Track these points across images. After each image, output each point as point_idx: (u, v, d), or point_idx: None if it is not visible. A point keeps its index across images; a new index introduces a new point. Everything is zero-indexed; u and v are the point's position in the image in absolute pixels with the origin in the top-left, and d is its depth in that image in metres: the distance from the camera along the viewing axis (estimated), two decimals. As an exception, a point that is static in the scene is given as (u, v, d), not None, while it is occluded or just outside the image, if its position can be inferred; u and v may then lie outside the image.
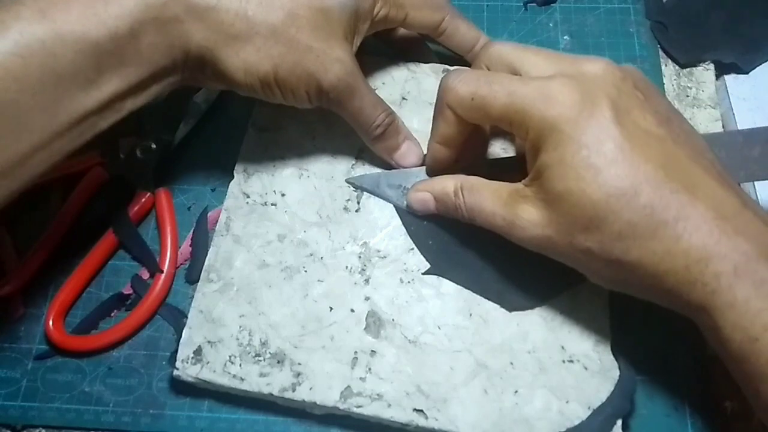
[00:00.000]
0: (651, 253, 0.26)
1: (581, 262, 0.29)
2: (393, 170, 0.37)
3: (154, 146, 0.41)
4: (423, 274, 0.35)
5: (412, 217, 0.36)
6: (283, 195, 0.38)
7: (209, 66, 0.32)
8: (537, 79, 0.29)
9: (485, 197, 0.31)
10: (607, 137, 0.27)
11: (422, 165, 0.37)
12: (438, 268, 0.35)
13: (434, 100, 0.39)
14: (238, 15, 0.31)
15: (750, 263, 0.25)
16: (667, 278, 0.26)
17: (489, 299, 0.34)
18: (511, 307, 0.34)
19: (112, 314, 0.37)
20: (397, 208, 0.37)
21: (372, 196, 0.37)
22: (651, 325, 0.34)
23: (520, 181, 0.30)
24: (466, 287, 0.34)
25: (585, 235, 0.27)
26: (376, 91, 0.40)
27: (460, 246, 0.35)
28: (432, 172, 0.36)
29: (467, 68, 0.33)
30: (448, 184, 0.33)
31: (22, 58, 0.27)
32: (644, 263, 0.27)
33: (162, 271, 0.37)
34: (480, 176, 0.33)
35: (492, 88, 0.29)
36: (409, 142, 0.37)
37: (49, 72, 0.27)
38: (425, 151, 0.37)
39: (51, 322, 0.36)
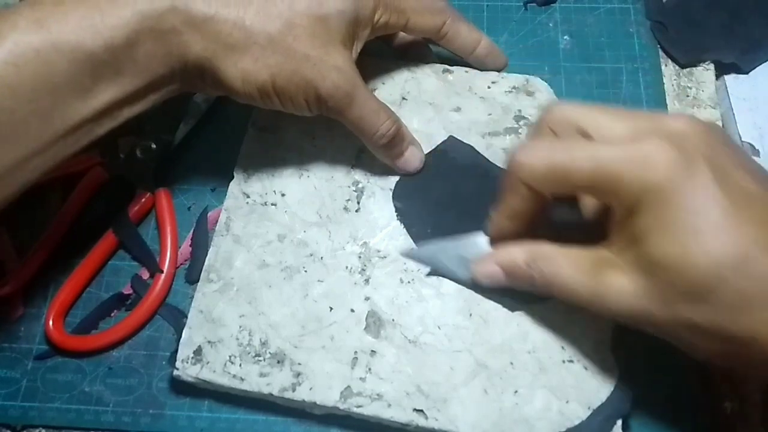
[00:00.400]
0: (750, 320, 0.24)
1: (684, 338, 0.27)
2: (449, 241, 0.34)
3: (154, 146, 0.41)
4: (426, 276, 0.35)
5: (414, 219, 0.36)
6: (283, 195, 0.38)
7: (208, 75, 0.32)
8: (621, 141, 0.27)
9: (563, 267, 0.29)
10: (712, 200, 0.25)
11: (480, 231, 0.34)
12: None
13: (434, 100, 0.40)
14: (236, 25, 0.31)
15: None
16: (751, 347, 0.25)
17: (493, 300, 0.34)
18: (514, 306, 0.34)
19: (112, 314, 0.37)
20: (401, 213, 0.36)
21: (372, 196, 0.37)
22: (651, 325, 0.34)
23: (590, 244, 0.29)
24: (471, 288, 0.34)
25: (690, 306, 0.25)
26: (376, 92, 0.40)
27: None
28: (495, 242, 0.33)
29: (534, 141, 0.30)
30: (517, 255, 0.31)
31: (17, 66, 0.27)
32: (760, 336, 0.24)
33: (162, 271, 0.37)
34: (546, 239, 0.30)
35: (573, 155, 0.27)
36: (413, 148, 0.36)
37: (44, 81, 0.28)
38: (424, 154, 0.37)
39: (51, 322, 0.36)
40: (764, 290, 0.24)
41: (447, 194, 0.37)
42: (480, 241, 0.33)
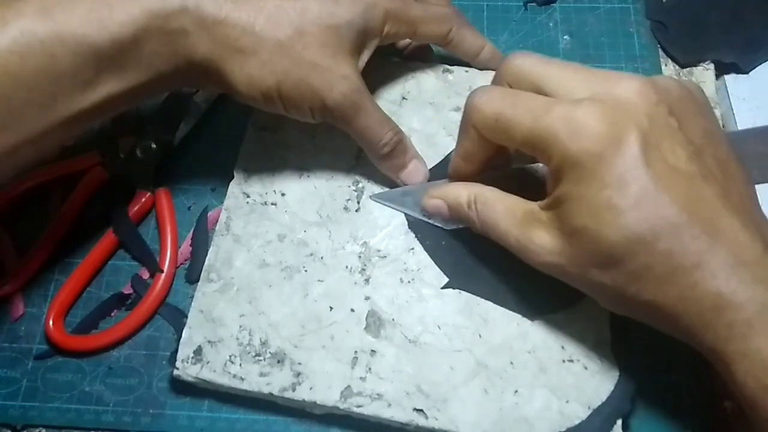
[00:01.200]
0: (664, 295, 0.26)
1: (593, 293, 0.29)
2: (411, 186, 0.36)
3: (154, 146, 0.41)
4: (442, 288, 0.34)
5: (427, 232, 0.36)
6: (283, 195, 0.38)
7: (212, 75, 0.32)
8: (563, 103, 0.27)
9: (499, 213, 0.31)
10: (632, 177, 0.25)
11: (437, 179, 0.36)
12: (456, 281, 0.35)
13: (434, 100, 0.40)
14: (246, 30, 0.31)
15: (766, 313, 0.24)
16: (680, 320, 0.26)
17: (508, 309, 0.34)
18: (532, 316, 0.33)
19: (112, 314, 0.37)
20: (413, 225, 0.36)
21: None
22: (651, 324, 0.34)
23: (539, 197, 0.30)
24: (486, 299, 0.34)
25: (599, 270, 0.27)
26: (376, 92, 0.40)
27: (476, 258, 0.35)
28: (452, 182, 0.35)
29: (492, 86, 0.31)
30: (461, 193, 0.33)
31: (20, 56, 0.27)
32: (657, 304, 0.26)
33: (162, 271, 0.37)
34: (498, 185, 0.32)
35: (517, 112, 0.28)
36: (416, 162, 0.36)
37: (46, 71, 0.27)
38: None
39: (51, 322, 0.36)
40: (667, 267, 0.25)
41: None
42: (441, 183, 0.35)
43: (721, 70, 0.44)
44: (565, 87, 0.28)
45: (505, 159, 0.34)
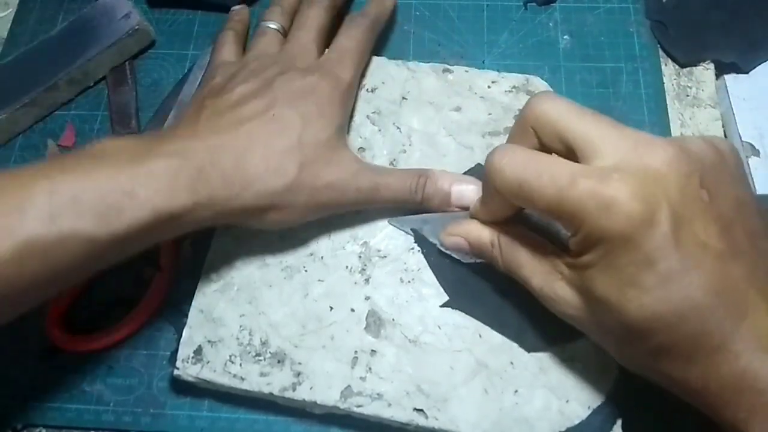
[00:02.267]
0: (685, 371, 0.25)
1: (613, 352, 0.29)
2: (430, 214, 0.35)
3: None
4: (441, 306, 0.34)
5: (432, 248, 0.35)
6: (283, 195, 0.38)
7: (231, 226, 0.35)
8: (591, 175, 0.25)
9: (524, 257, 0.30)
10: (660, 257, 0.24)
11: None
12: (456, 302, 0.34)
13: (434, 100, 0.40)
14: (260, 195, 0.31)
15: None
16: (701, 396, 0.25)
17: (507, 337, 0.33)
18: (529, 348, 0.33)
19: (113, 314, 0.37)
20: (419, 240, 0.36)
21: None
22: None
23: (557, 244, 0.30)
24: (484, 323, 0.34)
25: (618, 338, 0.27)
26: (376, 91, 0.40)
27: (479, 281, 0.34)
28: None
29: (513, 146, 0.29)
30: (484, 234, 0.32)
31: (20, 265, 0.26)
32: (677, 379, 0.26)
33: (162, 271, 0.37)
34: (520, 220, 0.32)
35: (541, 181, 0.26)
36: (458, 185, 0.35)
37: (48, 271, 0.27)
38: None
39: (51, 322, 0.36)
40: (689, 348, 0.25)
41: None
42: (461, 219, 0.34)
43: (721, 70, 0.44)
44: (593, 148, 0.26)
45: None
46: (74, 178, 0.27)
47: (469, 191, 0.35)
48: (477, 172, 0.37)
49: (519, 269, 0.31)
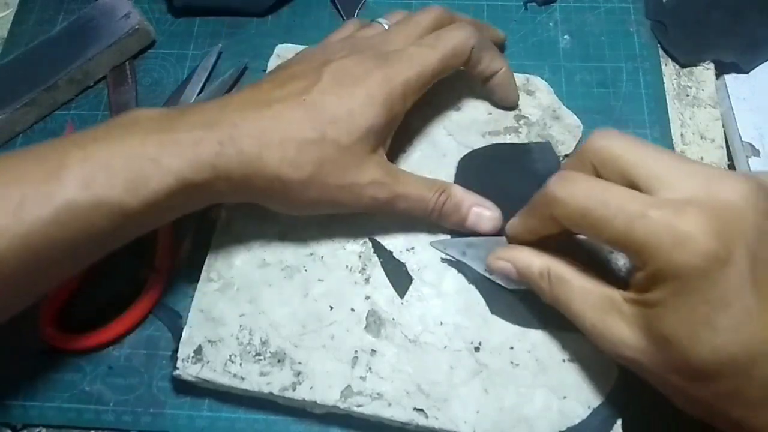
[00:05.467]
0: (754, 417, 0.24)
1: (670, 394, 0.28)
2: (478, 239, 0.35)
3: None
4: (442, 261, 0.35)
5: (475, 273, 0.34)
6: (283, 194, 0.38)
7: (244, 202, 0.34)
8: (663, 207, 0.24)
9: (574, 293, 0.29)
10: (736, 297, 0.23)
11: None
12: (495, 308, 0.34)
13: (434, 99, 0.39)
14: (272, 181, 0.31)
15: None
16: None
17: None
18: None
19: (107, 314, 0.37)
20: (461, 266, 0.35)
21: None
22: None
23: (607, 275, 0.28)
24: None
25: (683, 380, 0.25)
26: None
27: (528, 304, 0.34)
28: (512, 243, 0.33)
29: (576, 175, 0.27)
30: (534, 261, 0.31)
31: (62, 225, 0.27)
32: (744, 425, 0.25)
33: (158, 271, 0.37)
34: (567, 251, 0.30)
35: (608, 211, 0.25)
36: (477, 210, 0.34)
37: (83, 235, 0.28)
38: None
39: (45, 321, 0.36)
40: (761, 392, 0.24)
41: (504, 194, 0.35)
42: (503, 242, 0.34)
43: (721, 70, 0.44)
44: (661, 182, 0.25)
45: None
46: (105, 146, 0.28)
47: (487, 217, 0.34)
48: (471, 159, 0.37)
49: (568, 303, 0.29)
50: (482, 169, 0.37)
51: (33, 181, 0.27)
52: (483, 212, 0.34)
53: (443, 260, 0.35)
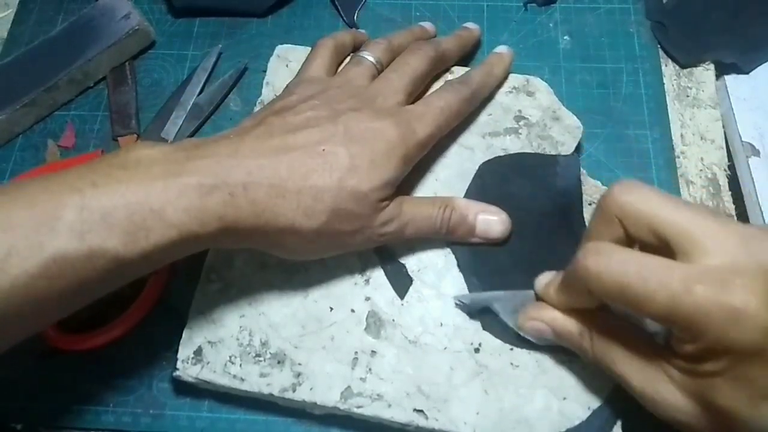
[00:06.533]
0: None
1: None
2: (504, 292, 0.33)
3: (154, 146, 0.41)
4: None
5: (503, 327, 0.33)
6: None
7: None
8: (707, 281, 0.23)
9: (619, 353, 0.28)
10: None
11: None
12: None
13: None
14: (284, 232, 0.30)
15: None
16: None
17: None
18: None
19: (107, 315, 0.37)
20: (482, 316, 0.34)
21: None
22: (651, 325, 0.34)
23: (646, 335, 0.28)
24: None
25: None
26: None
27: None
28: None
29: (607, 245, 0.26)
30: (572, 326, 0.30)
31: (49, 280, 0.26)
32: None
33: (157, 272, 0.37)
34: (605, 308, 0.29)
35: (648, 286, 0.24)
36: (484, 218, 0.34)
37: (74, 286, 0.26)
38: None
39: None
40: None
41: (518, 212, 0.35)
42: (532, 296, 0.33)
43: (721, 70, 0.44)
44: (696, 245, 0.24)
45: None
46: (105, 193, 0.26)
47: (495, 222, 0.34)
48: (492, 165, 0.37)
49: (613, 364, 0.28)
50: (500, 177, 0.37)
51: (23, 230, 0.25)
52: (490, 218, 0.34)
53: (457, 302, 0.34)
